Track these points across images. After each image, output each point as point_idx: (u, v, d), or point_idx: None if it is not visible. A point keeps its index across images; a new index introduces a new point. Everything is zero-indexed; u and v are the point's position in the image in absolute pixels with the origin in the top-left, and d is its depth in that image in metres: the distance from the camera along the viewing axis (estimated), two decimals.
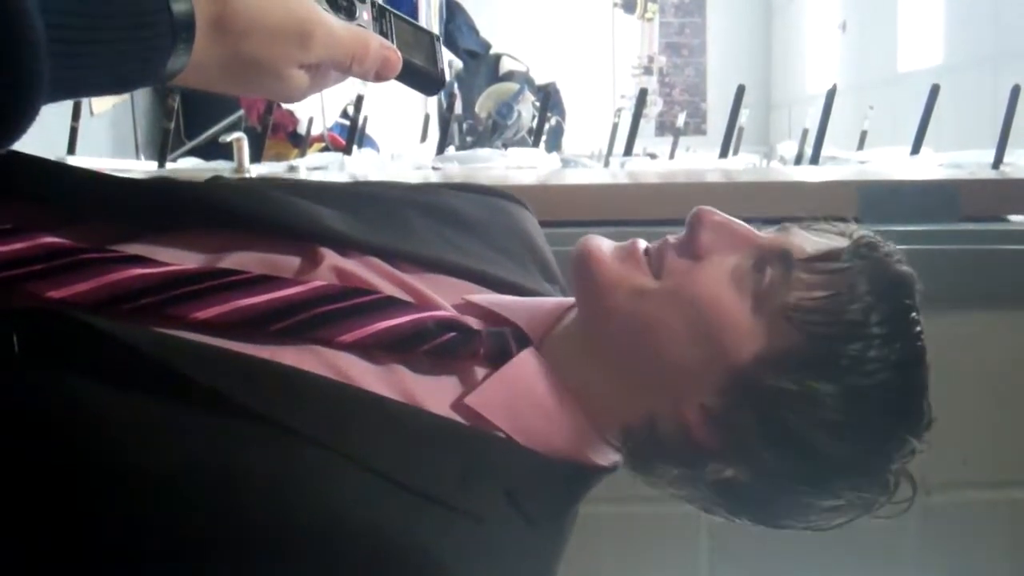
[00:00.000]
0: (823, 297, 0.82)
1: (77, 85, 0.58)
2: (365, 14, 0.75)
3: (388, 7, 0.79)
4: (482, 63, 8.86)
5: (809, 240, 0.86)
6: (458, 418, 0.81)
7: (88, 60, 0.57)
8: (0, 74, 0.51)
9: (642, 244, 0.87)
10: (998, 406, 1.60)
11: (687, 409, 0.84)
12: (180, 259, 0.78)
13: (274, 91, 0.72)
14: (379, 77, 0.75)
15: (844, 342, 0.81)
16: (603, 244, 0.87)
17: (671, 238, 0.87)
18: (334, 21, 0.71)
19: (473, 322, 0.86)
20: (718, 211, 0.86)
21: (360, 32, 0.73)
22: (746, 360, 0.82)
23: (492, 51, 9.15)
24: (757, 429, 0.83)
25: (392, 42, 0.76)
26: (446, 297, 0.87)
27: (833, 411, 0.81)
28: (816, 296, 0.82)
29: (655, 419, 0.86)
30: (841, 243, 0.86)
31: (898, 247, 0.87)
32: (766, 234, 0.87)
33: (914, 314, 0.84)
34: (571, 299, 0.91)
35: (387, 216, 0.90)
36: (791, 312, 0.82)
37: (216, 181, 0.94)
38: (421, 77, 0.80)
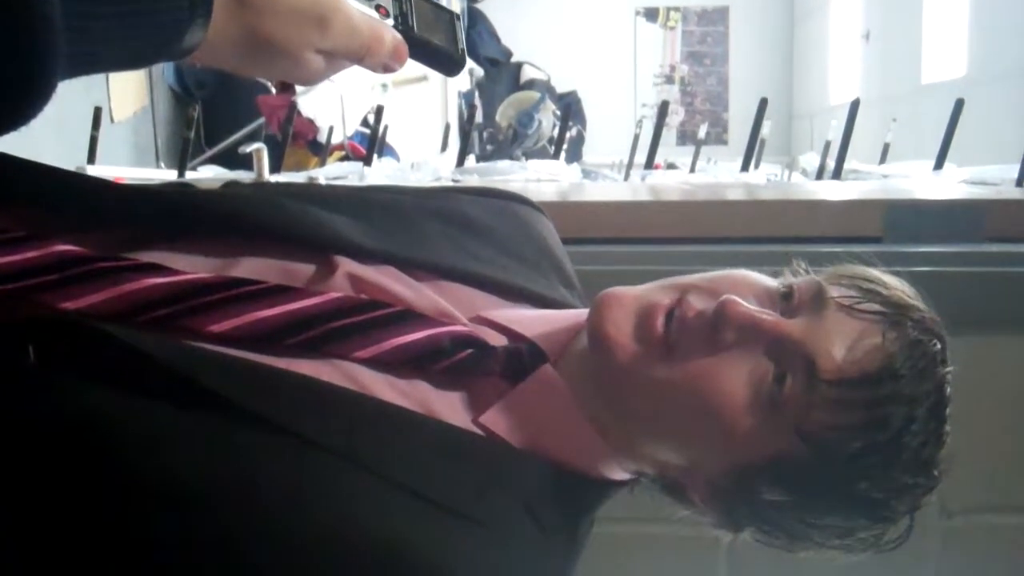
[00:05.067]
0: (847, 427, 0.78)
1: (93, 60, 0.58)
2: None
3: None
4: (503, 71, 8.90)
5: (843, 334, 0.80)
6: (477, 431, 0.81)
7: (104, 34, 0.57)
8: (16, 49, 0.51)
9: (662, 315, 0.81)
10: (1021, 430, 1.58)
11: (693, 480, 0.86)
12: (194, 266, 0.77)
13: (289, 73, 0.72)
14: (387, 68, 0.75)
15: (861, 461, 0.78)
16: (621, 319, 0.82)
17: (693, 310, 0.81)
18: (352, 8, 0.71)
19: (489, 336, 0.85)
20: (744, 303, 0.80)
21: (375, 23, 0.73)
22: (751, 463, 0.81)
23: (513, 59, 9.19)
24: (756, 520, 0.85)
25: (412, 21, 0.76)
26: (461, 307, 0.86)
27: (838, 518, 0.82)
28: (839, 425, 0.78)
29: (665, 472, 0.87)
30: (876, 346, 0.79)
31: (937, 321, 0.83)
32: (794, 324, 0.81)
33: (947, 398, 0.82)
34: (586, 312, 0.89)
35: (401, 223, 0.90)
36: (806, 432, 0.78)
37: (231, 187, 0.94)
38: (441, 57, 0.80)
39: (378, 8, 0.74)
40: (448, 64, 0.80)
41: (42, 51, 0.52)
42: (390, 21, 0.75)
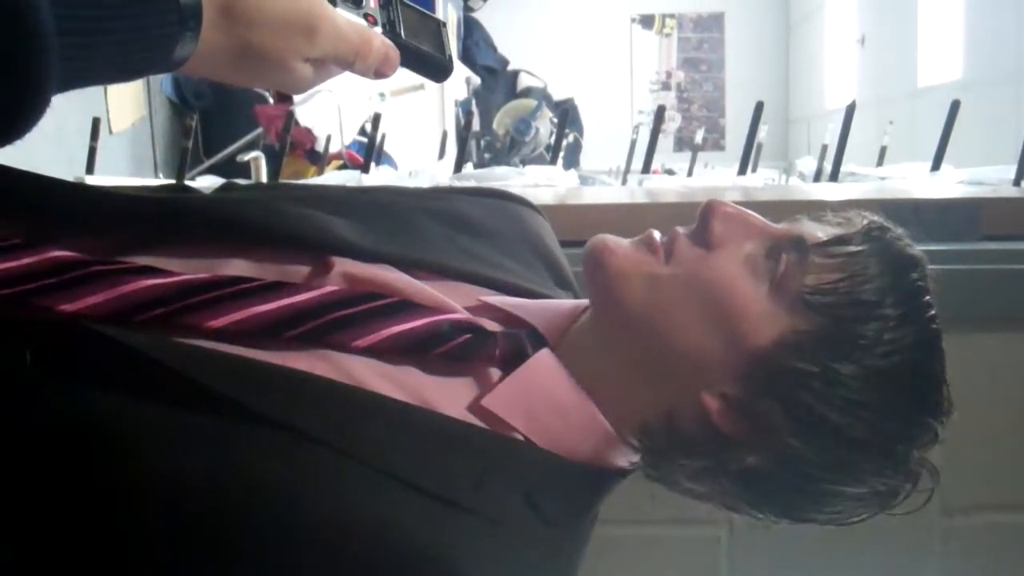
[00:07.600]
0: (838, 280, 0.82)
1: (86, 74, 0.58)
2: (372, 1, 0.76)
3: None
4: (500, 79, 8.90)
5: (820, 228, 0.87)
6: (474, 420, 0.81)
7: (96, 49, 0.58)
8: (11, 64, 0.52)
9: (656, 234, 0.87)
10: (1021, 428, 1.58)
11: (708, 399, 0.84)
12: (190, 269, 0.78)
13: (279, 82, 0.73)
14: (379, 74, 0.76)
15: (861, 323, 0.82)
16: (615, 238, 0.87)
17: (681, 229, 0.87)
18: (339, 16, 0.72)
19: (488, 323, 0.86)
20: (729, 203, 0.86)
21: (364, 29, 0.74)
22: (766, 345, 0.82)
23: (510, 67, 9.20)
24: (780, 413, 0.82)
25: (399, 29, 0.77)
26: (460, 301, 0.87)
27: (855, 391, 0.81)
28: (832, 279, 0.82)
29: (674, 412, 0.85)
30: (852, 229, 0.87)
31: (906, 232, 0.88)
32: (778, 225, 0.87)
33: (926, 296, 0.85)
34: (586, 301, 0.91)
35: (399, 224, 0.91)
36: (809, 295, 0.82)
37: (228, 188, 0.95)
38: (429, 63, 0.81)
39: (366, 17, 0.75)
40: (437, 70, 0.82)
41: (36, 66, 0.53)
42: (378, 29, 0.76)
